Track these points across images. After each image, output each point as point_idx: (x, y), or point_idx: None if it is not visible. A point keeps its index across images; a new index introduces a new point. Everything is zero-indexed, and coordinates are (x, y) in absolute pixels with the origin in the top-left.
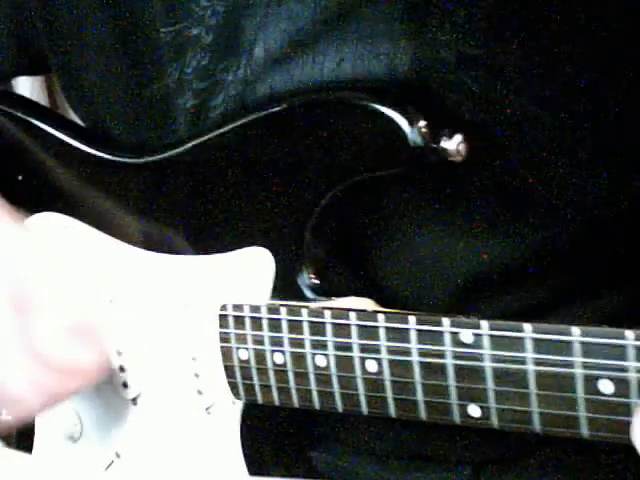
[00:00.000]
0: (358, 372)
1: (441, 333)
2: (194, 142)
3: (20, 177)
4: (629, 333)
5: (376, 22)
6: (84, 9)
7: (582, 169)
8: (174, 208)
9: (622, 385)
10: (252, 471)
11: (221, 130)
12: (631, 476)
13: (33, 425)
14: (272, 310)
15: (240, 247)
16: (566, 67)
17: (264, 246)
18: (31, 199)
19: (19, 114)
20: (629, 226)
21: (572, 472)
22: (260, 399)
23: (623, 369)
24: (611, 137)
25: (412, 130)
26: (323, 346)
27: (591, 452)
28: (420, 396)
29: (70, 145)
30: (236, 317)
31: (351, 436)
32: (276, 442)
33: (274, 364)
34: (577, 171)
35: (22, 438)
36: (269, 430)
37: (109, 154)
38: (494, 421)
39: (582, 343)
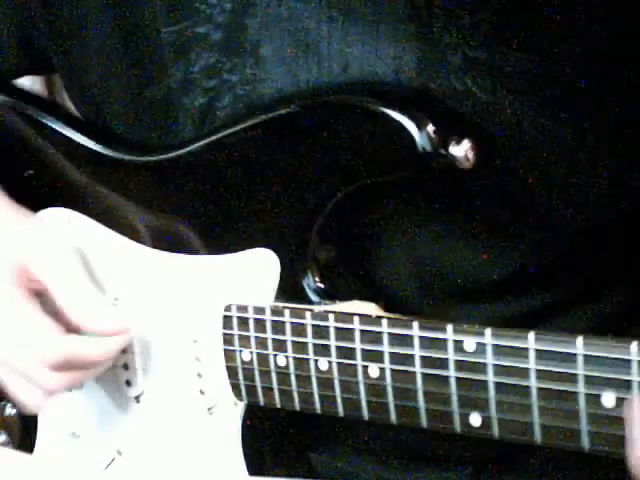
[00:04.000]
0: (360, 377)
1: (444, 340)
2: (202, 142)
3: (31, 172)
4: (634, 345)
5: (380, 25)
6: (85, 9)
7: (582, 169)
8: (180, 207)
9: (624, 398)
10: (252, 471)
11: (228, 131)
12: (631, 476)
13: (36, 420)
14: (276, 312)
15: (246, 248)
16: (566, 67)
17: (269, 248)
18: (41, 195)
19: (30, 110)
20: (629, 227)
21: (572, 472)
22: (262, 401)
23: (627, 382)
24: (611, 137)
25: (421, 135)
26: (326, 350)
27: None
28: (421, 403)
29: (79, 143)
30: (240, 318)
31: (351, 436)
32: (276, 443)
33: (276, 366)
34: (577, 171)
35: (26, 433)
36: (269, 431)
37: (117, 152)
38: (495, 431)
39: (585, 355)
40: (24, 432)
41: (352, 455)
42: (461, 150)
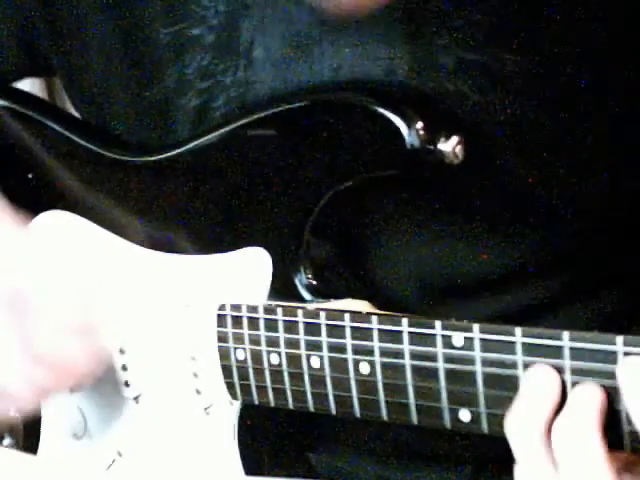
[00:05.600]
0: (351, 374)
1: (433, 336)
2: (195, 142)
3: (30, 175)
4: (619, 338)
5: (373, 26)
6: (84, 9)
7: (582, 169)
8: (175, 207)
9: (612, 391)
10: (250, 471)
11: (222, 131)
12: None
13: (40, 422)
14: (269, 310)
15: (239, 247)
16: (566, 67)
17: (262, 246)
18: (40, 197)
19: (29, 112)
20: (629, 226)
21: None
22: (256, 400)
23: (612, 373)
24: (611, 137)
25: (409, 132)
26: (317, 347)
27: None
28: (411, 399)
29: (78, 144)
30: (234, 317)
31: (351, 436)
32: (275, 442)
33: (270, 364)
34: (577, 171)
35: (29, 435)
36: (268, 430)
37: (114, 153)
38: (484, 426)
39: (572, 348)
40: (28, 434)
41: (352, 455)
42: (449, 146)
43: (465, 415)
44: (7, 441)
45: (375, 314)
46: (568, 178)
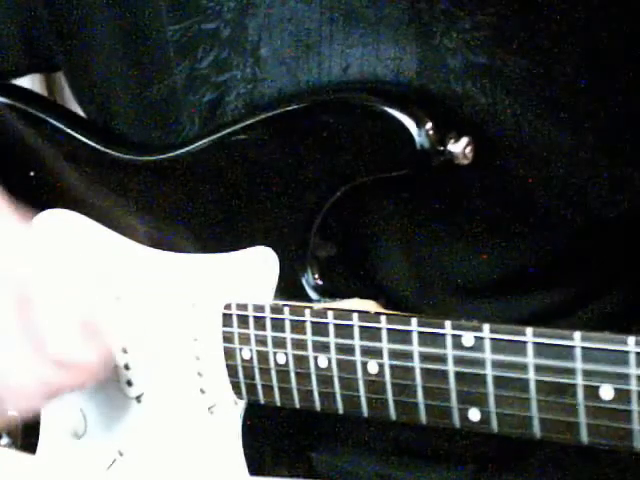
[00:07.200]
0: (359, 374)
1: (443, 336)
2: (200, 142)
3: (32, 173)
4: (630, 339)
5: (381, 26)
6: (86, 8)
7: (582, 169)
8: (180, 207)
9: (623, 391)
10: (253, 471)
11: (228, 130)
12: (631, 476)
13: (38, 422)
14: (275, 310)
15: (245, 247)
16: (566, 67)
17: (269, 246)
18: (42, 195)
19: (32, 110)
20: (629, 226)
21: (572, 472)
22: (262, 399)
23: (624, 375)
24: (611, 137)
25: (419, 133)
26: (325, 347)
27: (591, 452)
28: (420, 399)
29: (81, 142)
30: (240, 316)
31: (351, 435)
32: (277, 442)
33: (276, 364)
34: (577, 171)
35: (28, 434)
36: (270, 430)
37: (119, 152)
38: (494, 426)
39: (583, 348)
40: (26, 434)
41: (352, 454)
42: (459, 147)
43: (475, 415)
44: (4, 440)
45: (384, 314)
46: (568, 178)
